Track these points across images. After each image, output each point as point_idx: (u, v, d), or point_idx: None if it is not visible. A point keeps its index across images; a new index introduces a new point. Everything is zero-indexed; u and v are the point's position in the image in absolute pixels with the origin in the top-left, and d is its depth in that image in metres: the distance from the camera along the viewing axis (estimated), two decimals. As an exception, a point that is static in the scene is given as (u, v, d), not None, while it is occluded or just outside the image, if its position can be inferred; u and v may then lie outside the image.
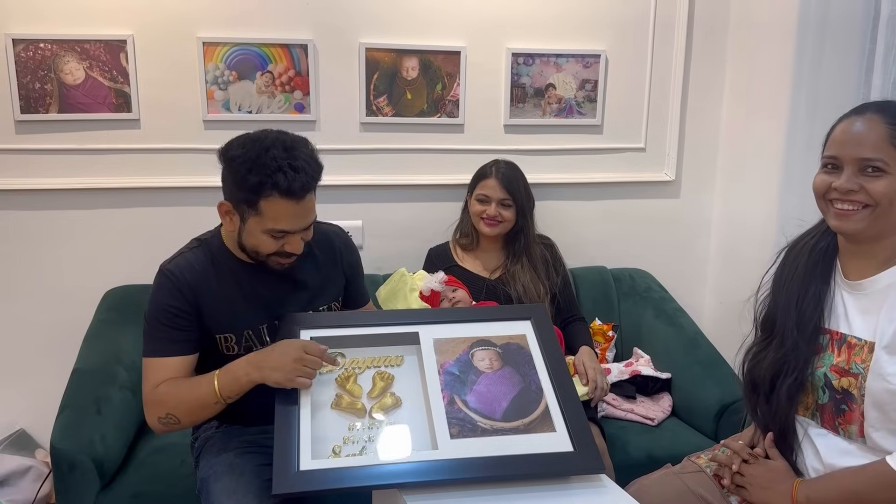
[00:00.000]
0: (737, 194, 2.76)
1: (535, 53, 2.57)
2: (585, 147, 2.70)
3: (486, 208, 2.33)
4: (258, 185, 1.51)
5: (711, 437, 2.19)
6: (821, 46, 2.20)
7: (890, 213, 1.36)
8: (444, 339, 1.61)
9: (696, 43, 2.70)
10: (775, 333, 1.54)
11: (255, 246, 1.61)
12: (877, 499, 1.36)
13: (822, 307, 1.48)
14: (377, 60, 2.47)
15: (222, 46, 2.37)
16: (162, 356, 1.62)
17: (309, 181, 1.54)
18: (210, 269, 1.67)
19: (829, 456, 1.45)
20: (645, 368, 2.39)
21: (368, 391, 1.52)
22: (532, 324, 1.67)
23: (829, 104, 2.19)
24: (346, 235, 1.87)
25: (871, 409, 1.38)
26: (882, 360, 1.36)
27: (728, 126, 2.77)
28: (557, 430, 1.46)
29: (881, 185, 1.35)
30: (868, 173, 1.36)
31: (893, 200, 1.35)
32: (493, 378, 1.56)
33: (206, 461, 1.71)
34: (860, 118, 1.37)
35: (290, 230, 1.58)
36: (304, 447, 1.39)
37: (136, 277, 2.41)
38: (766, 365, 1.53)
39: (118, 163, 2.39)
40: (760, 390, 1.53)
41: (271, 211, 1.54)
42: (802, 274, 1.51)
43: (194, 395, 1.57)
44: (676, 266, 2.86)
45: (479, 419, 1.47)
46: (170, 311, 1.61)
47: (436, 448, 1.41)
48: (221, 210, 1.63)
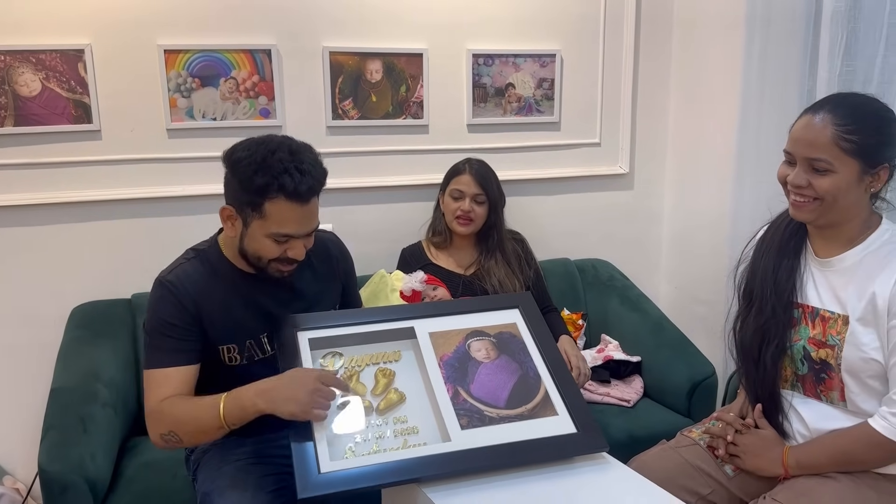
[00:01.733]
0: (687, 184, 2.91)
1: (495, 54, 2.64)
2: (544, 144, 2.79)
3: (460, 204, 2.38)
4: (264, 187, 1.50)
5: (685, 413, 2.31)
6: (766, 41, 2.34)
7: (836, 206, 1.48)
8: (439, 332, 1.64)
9: (643, 41, 2.82)
10: (754, 301, 1.64)
11: (256, 251, 1.60)
12: (861, 458, 1.48)
13: (795, 280, 1.60)
14: (341, 64, 2.49)
15: (184, 53, 2.34)
16: (164, 367, 1.58)
17: (315, 184, 1.55)
18: (209, 280, 1.65)
19: (814, 422, 1.56)
20: (616, 353, 2.49)
21: (372, 389, 1.54)
22: (520, 311, 1.72)
23: (775, 97, 2.34)
24: (341, 243, 1.88)
25: (847, 377, 1.50)
26: (857, 331, 1.48)
27: (676, 120, 2.91)
28: (559, 414, 1.52)
29: (826, 183, 1.46)
30: (816, 171, 1.47)
31: (837, 196, 1.46)
32: (492, 367, 1.60)
33: (206, 475, 1.68)
34: (816, 116, 1.48)
35: (294, 234, 1.58)
36: (322, 450, 1.40)
37: (103, 293, 2.35)
38: (751, 333, 1.64)
39: (79, 176, 2.32)
40: (750, 358, 1.64)
41: (276, 214, 1.54)
42: (777, 248, 1.63)
43: (198, 418, 1.52)
44: (633, 255, 2.98)
45: (484, 408, 1.51)
46: (171, 322, 1.59)
47: (449, 440, 1.45)
48: (223, 215, 1.61)
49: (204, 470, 1.70)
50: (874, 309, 1.45)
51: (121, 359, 2.20)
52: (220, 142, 1.71)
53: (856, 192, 1.47)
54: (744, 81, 2.44)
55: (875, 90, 1.96)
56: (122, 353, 2.22)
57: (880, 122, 1.47)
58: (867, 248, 1.50)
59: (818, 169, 1.47)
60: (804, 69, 2.22)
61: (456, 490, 1.38)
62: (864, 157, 1.44)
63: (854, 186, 1.46)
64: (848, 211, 1.50)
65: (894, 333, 1.43)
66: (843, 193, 1.46)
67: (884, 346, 1.45)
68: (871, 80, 1.99)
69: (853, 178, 1.45)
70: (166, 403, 1.55)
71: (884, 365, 1.45)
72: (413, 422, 1.49)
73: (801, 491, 1.49)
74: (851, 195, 1.47)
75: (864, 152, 1.44)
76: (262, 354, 1.70)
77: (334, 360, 1.58)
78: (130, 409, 2.18)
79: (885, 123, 1.47)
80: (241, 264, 1.67)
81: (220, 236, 1.70)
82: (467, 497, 1.36)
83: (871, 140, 1.44)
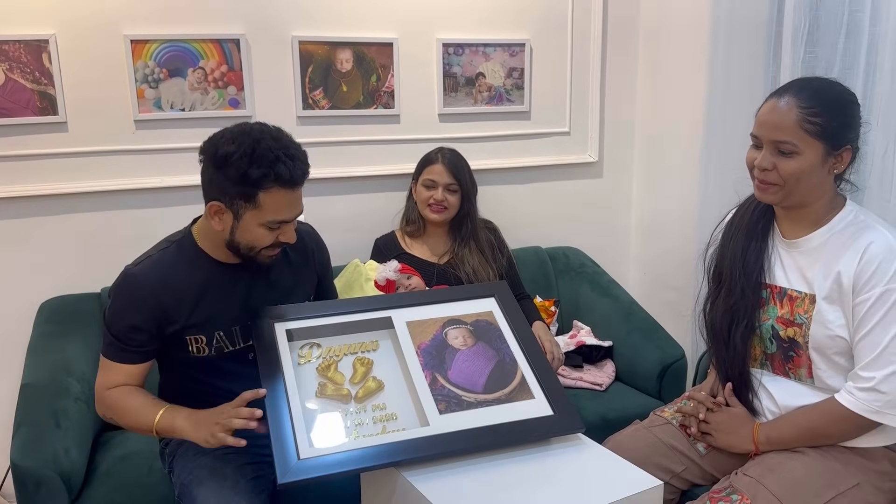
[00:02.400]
0: (655, 172, 2.95)
1: (465, 43, 2.65)
2: (515, 133, 2.81)
3: (432, 193, 2.39)
4: (261, 179, 1.50)
5: (655, 396, 2.35)
6: (731, 29, 2.38)
7: (799, 189, 1.52)
8: (416, 322, 1.67)
9: (611, 30, 2.85)
10: (723, 283, 1.68)
11: (250, 242, 1.59)
12: (829, 432, 1.53)
13: (763, 261, 1.64)
14: (311, 53, 2.48)
15: (151, 44, 2.31)
16: (115, 361, 1.62)
17: (306, 168, 1.57)
18: (180, 269, 1.64)
19: (783, 399, 1.61)
20: (588, 338, 2.52)
21: (350, 377, 1.55)
22: (496, 300, 1.75)
23: (741, 84, 2.39)
24: (318, 234, 1.89)
25: (814, 354, 1.54)
26: (824, 309, 1.52)
27: (644, 107, 2.95)
28: (536, 397, 1.55)
29: (790, 166, 1.50)
30: (782, 154, 1.51)
31: (800, 179, 1.50)
32: (469, 354, 1.63)
33: (183, 466, 1.68)
34: (781, 100, 1.52)
35: (288, 219, 1.59)
36: (301, 436, 1.42)
37: (71, 287, 2.32)
38: (720, 314, 1.68)
39: (45, 168, 2.28)
40: (720, 339, 1.68)
41: (271, 203, 1.53)
42: (745, 230, 1.67)
43: (135, 420, 1.59)
44: (603, 242, 3.02)
45: (462, 394, 1.54)
46: (126, 326, 1.59)
47: (427, 425, 1.47)
48: (211, 211, 1.58)
49: (181, 461, 1.70)
50: (839, 287, 1.50)
51: (91, 353, 2.16)
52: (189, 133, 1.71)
53: (819, 173, 1.51)
54: (709, 69, 2.49)
55: (837, 75, 2.01)
56: (92, 348, 2.18)
57: (843, 105, 1.51)
58: (832, 228, 1.54)
59: (784, 151, 1.50)
60: (768, 56, 2.27)
61: (435, 473, 1.40)
62: (827, 138, 1.48)
63: (818, 168, 1.50)
64: (812, 193, 1.53)
65: (859, 311, 1.47)
66: (807, 175, 1.50)
67: (849, 324, 1.50)
68: (833, 65, 2.04)
69: (817, 159, 1.49)
70: (113, 393, 1.62)
71: (849, 342, 1.50)
72: (392, 408, 1.50)
73: (770, 465, 1.53)
74: (815, 177, 1.51)
75: (828, 134, 1.48)
76: (231, 347, 1.69)
77: (312, 351, 1.59)
78: (103, 404, 2.15)
79: (847, 105, 1.52)
80: (216, 254, 1.66)
81: (195, 226, 1.69)
82: (446, 480, 1.38)
83: (835, 122, 1.48)
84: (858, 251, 1.48)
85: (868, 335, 1.46)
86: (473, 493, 1.36)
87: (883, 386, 1.44)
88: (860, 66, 1.99)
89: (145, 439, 2.02)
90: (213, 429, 1.46)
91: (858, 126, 1.53)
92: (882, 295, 1.45)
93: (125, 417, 1.61)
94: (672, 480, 1.67)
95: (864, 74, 1.98)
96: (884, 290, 1.44)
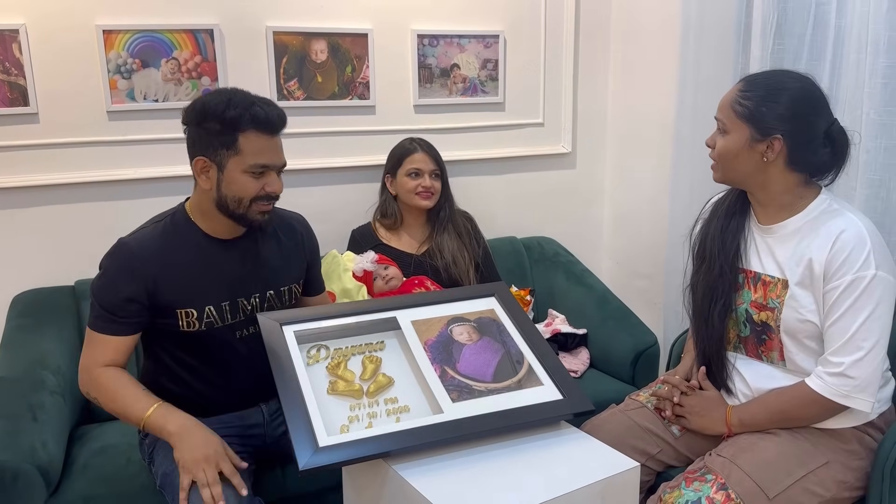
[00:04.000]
0: (627, 163, 3.00)
1: (439, 34, 2.66)
2: (490, 124, 2.83)
3: (420, 181, 2.40)
4: (237, 119, 1.58)
5: (629, 382, 2.39)
6: (702, 20, 2.42)
7: (731, 169, 1.60)
8: (421, 321, 1.69)
9: (583, 21, 2.88)
10: (705, 261, 1.73)
11: (236, 193, 1.64)
12: (799, 414, 1.58)
13: (739, 243, 1.68)
14: (285, 44, 2.47)
15: (123, 34, 2.28)
16: (103, 333, 1.64)
17: (282, 115, 1.65)
18: (174, 241, 1.68)
19: (755, 381, 1.65)
20: (563, 326, 2.56)
21: (360, 374, 1.57)
22: (497, 299, 1.78)
23: (711, 75, 2.43)
24: (307, 223, 1.94)
25: (785, 338, 1.59)
26: (796, 294, 1.57)
27: (616, 98, 2.99)
28: (545, 384, 1.59)
29: (720, 144, 1.59)
30: (719, 131, 1.60)
31: (728, 158, 1.58)
32: (476, 348, 1.66)
33: (165, 455, 1.68)
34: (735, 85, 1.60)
35: (270, 164, 1.64)
36: (318, 426, 1.43)
37: (44, 280, 2.30)
38: (701, 293, 1.72)
39: (16, 160, 2.25)
40: (700, 316, 1.72)
41: (250, 146, 1.60)
42: (725, 212, 1.72)
43: (123, 408, 1.61)
44: (576, 231, 3.06)
45: (473, 383, 1.57)
46: (118, 296, 1.62)
47: (441, 412, 1.49)
48: (197, 167, 1.65)
49: (162, 451, 1.70)
50: (811, 274, 1.54)
51: (66, 347, 2.15)
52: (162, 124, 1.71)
53: (748, 158, 1.56)
54: (681, 60, 2.53)
55: (805, 67, 2.06)
56: (67, 341, 2.17)
57: (775, 93, 1.54)
58: (807, 216, 1.58)
59: (720, 129, 1.60)
60: (738, 48, 2.31)
61: (419, 463, 1.42)
62: (753, 123, 1.54)
63: (745, 151, 1.56)
64: (754, 177, 1.59)
65: (830, 297, 1.52)
66: (734, 155, 1.57)
67: (819, 309, 1.54)
68: (801, 57, 2.09)
69: (742, 141, 1.55)
70: (102, 373, 1.63)
71: (819, 327, 1.54)
72: (404, 401, 1.53)
73: (743, 446, 1.57)
74: (744, 160, 1.56)
75: (754, 119, 1.53)
76: (220, 323, 1.72)
77: (319, 353, 1.61)
78: (78, 397, 2.10)
79: (780, 95, 1.53)
80: (209, 229, 1.71)
81: (188, 203, 1.73)
82: (431, 470, 1.40)
83: (763, 108, 1.53)
84: (830, 238, 1.52)
85: (838, 321, 1.51)
86: (456, 479, 1.38)
87: (851, 371, 1.49)
88: (827, 58, 2.04)
89: (122, 432, 2.02)
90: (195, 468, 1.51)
91: (800, 119, 1.53)
92: (852, 282, 1.49)
93: (113, 402, 1.62)
94: (648, 462, 1.71)
95: (830, 66, 2.03)
96: (854, 278, 1.49)
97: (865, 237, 1.50)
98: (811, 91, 1.56)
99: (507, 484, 1.37)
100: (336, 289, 2.22)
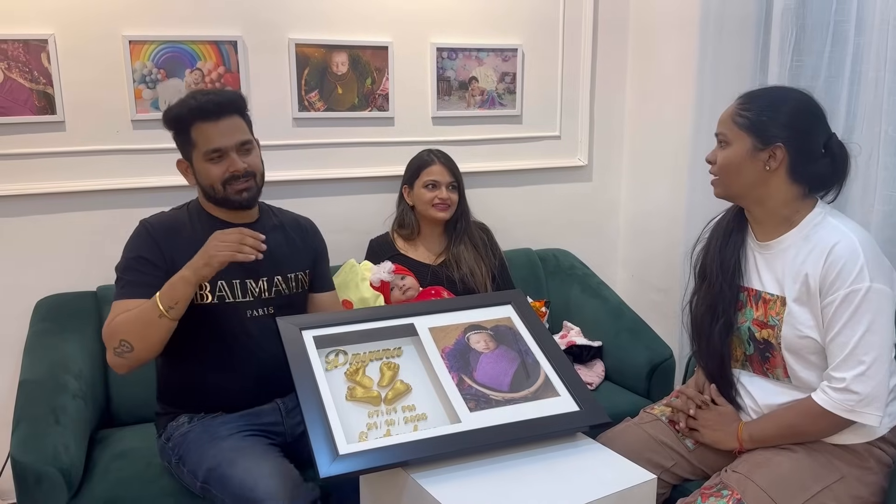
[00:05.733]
0: (643, 176, 3.01)
1: (458, 48, 2.69)
2: (507, 136, 2.85)
3: (437, 193, 2.43)
4: (179, 116, 1.78)
5: (644, 395, 2.40)
6: (719, 38, 2.44)
7: (733, 182, 1.61)
8: (438, 327, 1.71)
9: (601, 37, 2.91)
10: (706, 279, 1.74)
11: (207, 180, 1.80)
12: (807, 429, 1.58)
13: (739, 261, 1.69)
14: (307, 56, 2.51)
15: (149, 44, 2.33)
16: (127, 298, 1.72)
17: (219, 100, 1.77)
18: (189, 224, 1.85)
19: (763, 398, 1.66)
20: (578, 338, 2.57)
21: (378, 381, 1.59)
22: (513, 307, 1.80)
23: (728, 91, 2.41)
24: (314, 225, 2.05)
25: (787, 354, 1.59)
26: (794, 311, 1.57)
27: (632, 113, 3.01)
28: (561, 395, 1.60)
29: (721, 156, 1.61)
30: (720, 145, 1.62)
31: (730, 169, 1.60)
32: (492, 357, 1.67)
33: (201, 453, 1.73)
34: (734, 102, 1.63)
35: (221, 147, 1.77)
36: (338, 434, 1.44)
37: (67, 285, 2.33)
38: (702, 311, 1.73)
39: (43, 167, 2.29)
40: (702, 334, 1.73)
41: (201, 136, 1.78)
42: (724, 231, 1.73)
43: (138, 314, 1.68)
44: (591, 244, 3.07)
45: (490, 393, 1.58)
46: (140, 258, 1.76)
47: (459, 422, 1.50)
48: (180, 169, 1.88)
49: (194, 450, 1.75)
50: (807, 289, 1.55)
51: (88, 351, 2.18)
52: None
53: (751, 167, 1.57)
54: (698, 76, 2.54)
55: (822, 83, 2.08)
56: (88, 346, 2.20)
57: (780, 104, 1.57)
58: (801, 230, 1.59)
59: (720, 143, 1.62)
60: (755, 64, 2.32)
61: (438, 473, 1.43)
62: (755, 132, 1.56)
63: (747, 161, 1.57)
64: (755, 190, 1.60)
65: (827, 312, 1.52)
66: (736, 166, 1.58)
67: (819, 325, 1.54)
68: (819, 74, 2.09)
69: (744, 151, 1.57)
70: (115, 318, 1.71)
71: (820, 342, 1.54)
72: (421, 409, 1.54)
73: (759, 462, 1.58)
74: (747, 170, 1.58)
75: (755, 127, 1.56)
76: (231, 298, 1.81)
77: (338, 357, 1.63)
78: (99, 401, 2.17)
79: (779, 103, 1.57)
80: (218, 213, 1.87)
81: (198, 196, 1.89)
82: (448, 478, 1.42)
83: (763, 117, 1.55)
84: (823, 252, 1.52)
85: (837, 336, 1.51)
86: (474, 488, 1.39)
87: (854, 386, 1.49)
88: (845, 75, 2.04)
89: (142, 436, 2.05)
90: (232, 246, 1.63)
91: (801, 128, 1.56)
92: (847, 296, 1.49)
93: (129, 322, 1.68)
94: (662, 475, 1.71)
95: (848, 83, 2.04)
96: (848, 291, 1.49)
97: (858, 250, 1.49)
98: (811, 103, 1.59)
99: (526, 494, 1.38)
100: (353, 298, 2.24)
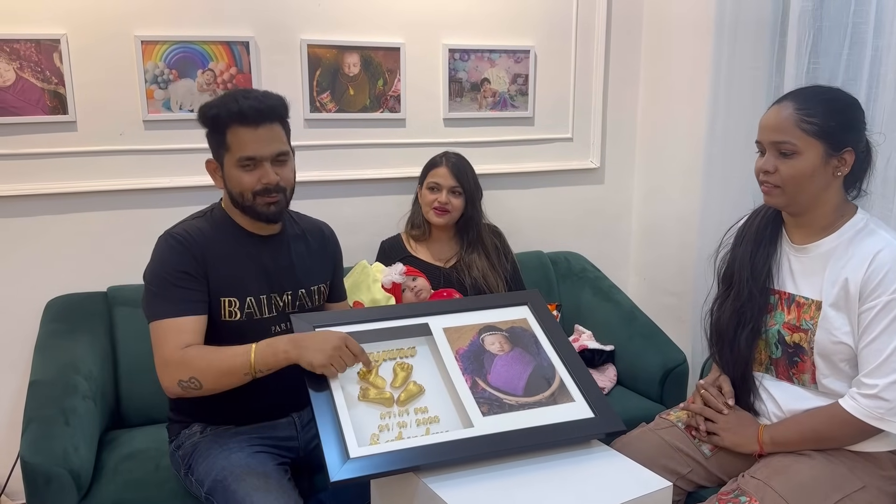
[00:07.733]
0: (656, 179, 2.99)
1: (470, 49, 2.68)
2: (519, 138, 2.84)
3: (437, 196, 2.41)
4: (218, 117, 1.67)
5: (657, 400, 2.37)
6: (734, 40, 2.41)
7: (804, 190, 1.55)
8: (453, 328, 1.69)
9: (614, 39, 2.89)
10: (733, 285, 1.71)
11: (237, 188, 1.70)
12: (832, 436, 1.56)
13: (770, 266, 1.66)
14: (319, 57, 2.50)
15: (161, 45, 2.32)
16: (176, 316, 1.63)
17: (260, 107, 1.66)
18: (215, 234, 1.74)
19: (786, 403, 1.63)
20: (590, 342, 2.55)
21: (391, 381, 1.58)
22: (529, 308, 1.78)
23: (743, 93, 2.42)
24: (333, 231, 1.99)
25: (818, 360, 1.57)
26: (830, 315, 1.55)
27: (645, 115, 2.98)
28: (576, 400, 1.58)
29: (789, 167, 1.53)
30: (783, 155, 1.55)
31: (802, 180, 1.53)
32: (507, 359, 1.65)
33: (210, 463, 1.69)
34: (779, 105, 1.57)
35: (256, 156, 1.67)
36: (349, 437, 1.43)
37: (77, 286, 2.32)
38: (728, 316, 1.70)
39: (54, 167, 2.29)
40: (725, 339, 1.70)
41: (236, 141, 1.66)
42: (754, 236, 1.70)
43: (227, 362, 1.58)
44: (603, 247, 3.05)
45: (504, 397, 1.56)
46: (180, 270, 1.65)
47: (471, 426, 1.48)
48: (209, 169, 1.77)
49: (203, 460, 1.71)
50: (846, 294, 1.53)
51: (98, 352, 2.18)
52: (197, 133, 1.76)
53: (822, 175, 1.54)
54: (712, 78, 2.52)
55: (841, 86, 2.03)
56: (99, 347, 2.20)
57: (840, 106, 1.54)
58: (842, 235, 1.57)
59: (784, 153, 1.54)
60: (771, 67, 2.30)
61: (451, 479, 1.42)
62: (826, 138, 1.51)
63: (820, 169, 1.53)
64: (818, 196, 1.56)
65: (865, 318, 1.50)
66: (809, 176, 1.53)
67: (854, 331, 1.52)
68: (837, 76, 2.07)
69: (818, 159, 1.52)
70: (190, 351, 1.60)
71: (853, 348, 1.53)
72: (434, 411, 1.52)
73: (777, 468, 1.56)
74: (818, 178, 1.54)
75: (826, 134, 1.51)
76: (260, 315, 1.75)
77: None
78: (109, 402, 2.16)
79: (844, 107, 1.55)
80: (242, 222, 1.76)
81: (222, 199, 1.80)
82: (461, 483, 1.40)
83: (832, 122, 1.51)
84: (866, 258, 1.51)
85: (872, 343, 1.49)
86: (487, 494, 1.38)
87: (886, 393, 1.47)
88: (863, 77, 2.02)
89: (151, 438, 2.04)
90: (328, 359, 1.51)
91: (860, 129, 1.56)
92: (888, 303, 1.47)
93: (212, 366, 1.58)
94: (678, 482, 1.69)
95: (867, 85, 2.01)
96: (890, 299, 1.47)
97: None
98: (857, 102, 1.57)
99: (539, 501, 1.36)
100: (365, 299, 2.23)
